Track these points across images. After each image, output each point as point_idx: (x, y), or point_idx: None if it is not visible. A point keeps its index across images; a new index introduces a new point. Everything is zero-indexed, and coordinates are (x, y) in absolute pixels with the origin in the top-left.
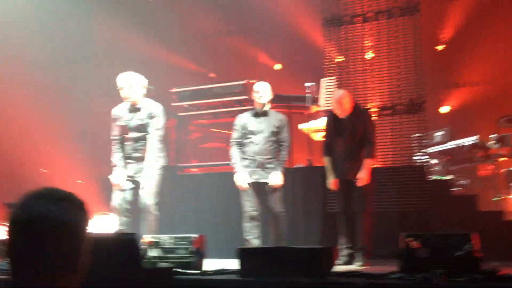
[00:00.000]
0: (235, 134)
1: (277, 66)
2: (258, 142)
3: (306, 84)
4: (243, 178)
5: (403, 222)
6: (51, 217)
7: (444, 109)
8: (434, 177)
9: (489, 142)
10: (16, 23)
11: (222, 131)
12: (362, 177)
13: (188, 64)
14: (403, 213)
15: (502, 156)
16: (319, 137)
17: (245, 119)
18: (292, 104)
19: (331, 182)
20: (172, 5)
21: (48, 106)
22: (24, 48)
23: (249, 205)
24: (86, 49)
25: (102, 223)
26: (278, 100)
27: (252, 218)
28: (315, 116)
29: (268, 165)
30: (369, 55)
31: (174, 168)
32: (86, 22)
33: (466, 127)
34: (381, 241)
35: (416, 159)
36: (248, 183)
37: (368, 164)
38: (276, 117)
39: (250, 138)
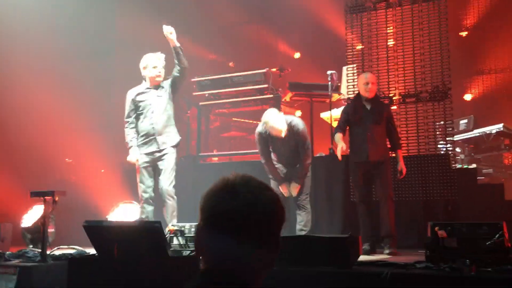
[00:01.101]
0: (261, 150)
1: (297, 55)
2: (282, 155)
3: (328, 72)
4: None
5: (429, 211)
6: (271, 206)
7: (468, 97)
8: (458, 166)
9: None
10: (38, 16)
11: (243, 120)
12: (403, 168)
13: (208, 54)
14: (427, 202)
15: None
16: None
17: (267, 139)
18: (313, 93)
19: (342, 147)
20: None
21: (71, 97)
22: (47, 41)
23: (278, 193)
24: (108, 40)
25: (126, 211)
26: (299, 89)
27: None
28: (337, 104)
29: (295, 166)
30: (393, 41)
31: (195, 157)
32: (108, 13)
33: (490, 115)
34: (406, 230)
35: (441, 147)
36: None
37: (401, 155)
38: (293, 136)
39: (275, 152)
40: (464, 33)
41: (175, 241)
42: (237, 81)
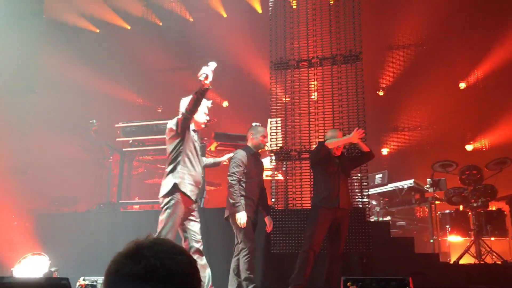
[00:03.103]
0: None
1: (225, 104)
2: (258, 184)
3: (253, 124)
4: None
5: (344, 264)
6: (177, 272)
7: (384, 151)
8: (374, 218)
9: (425, 186)
10: None
11: None
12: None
13: (135, 98)
14: (343, 255)
15: (437, 199)
16: (265, 176)
17: (245, 158)
18: (238, 144)
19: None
20: (120, 39)
21: None
22: None
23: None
24: (30, 80)
25: (34, 264)
26: (224, 139)
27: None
28: (261, 155)
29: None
30: (314, 98)
31: (116, 204)
32: (31, 53)
33: (403, 170)
34: (322, 283)
35: (357, 201)
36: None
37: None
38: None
39: (252, 178)
40: (381, 93)
41: None
42: (162, 128)
